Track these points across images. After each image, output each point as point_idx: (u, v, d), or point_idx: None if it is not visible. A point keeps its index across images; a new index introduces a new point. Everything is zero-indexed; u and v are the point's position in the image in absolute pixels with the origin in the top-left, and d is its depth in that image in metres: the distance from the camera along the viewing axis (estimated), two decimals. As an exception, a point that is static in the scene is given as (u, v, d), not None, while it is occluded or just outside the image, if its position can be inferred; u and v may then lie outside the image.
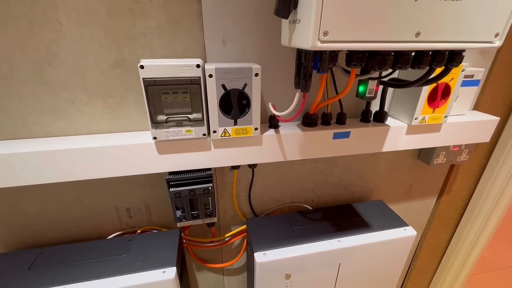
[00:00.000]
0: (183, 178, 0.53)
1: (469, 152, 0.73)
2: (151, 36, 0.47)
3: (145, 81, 0.42)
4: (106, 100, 0.50)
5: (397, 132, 0.59)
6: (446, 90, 0.56)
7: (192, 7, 0.47)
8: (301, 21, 0.33)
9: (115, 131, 0.53)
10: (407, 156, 0.75)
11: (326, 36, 0.31)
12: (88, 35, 0.45)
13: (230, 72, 0.44)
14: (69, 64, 0.46)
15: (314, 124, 0.57)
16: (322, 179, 0.71)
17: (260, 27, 0.50)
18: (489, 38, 0.36)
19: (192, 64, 0.43)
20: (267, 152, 0.54)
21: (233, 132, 0.49)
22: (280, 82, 0.55)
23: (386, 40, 0.33)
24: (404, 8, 0.31)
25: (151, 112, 0.45)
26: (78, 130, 0.52)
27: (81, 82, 0.48)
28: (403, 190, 0.81)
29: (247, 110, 0.48)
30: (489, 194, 0.88)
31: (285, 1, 0.33)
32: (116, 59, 0.47)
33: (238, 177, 0.65)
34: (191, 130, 0.48)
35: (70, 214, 0.60)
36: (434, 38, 0.34)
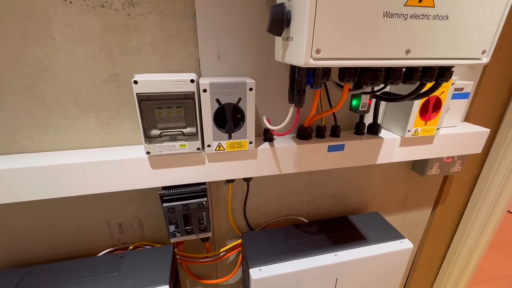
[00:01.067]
0: (177, 192, 0.52)
1: (462, 163, 0.74)
2: (145, 51, 0.47)
3: (139, 96, 0.42)
4: (99, 115, 0.50)
5: (391, 144, 0.60)
6: (437, 103, 0.57)
7: (186, 23, 0.47)
8: (294, 38, 0.34)
9: (107, 146, 0.52)
10: (401, 168, 0.75)
11: (318, 54, 0.31)
12: (82, 50, 0.45)
13: (224, 87, 0.45)
14: (62, 79, 0.46)
15: (308, 137, 0.57)
16: (318, 192, 0.71)
17: (254, 43, 0.50)
18: (476, 55, 0.37)
19: (186, 79, 0.43)
20: (262, 165, 0.54)
21: (227, 146, 0.49)
22: (275, 96, 0.56)
23: (377, 57, 0.33)
24: (394, 27, 0.32)
25: (145, 127, 0.45)
26: (70, 145, 0.51)
27: (74, 97, 0.47)
28: (399, 201, 0.81)
29: (242, 124, 0.48)
30: (483, 204, 0.88)
31: (278, 20, 0.34)
32: (110, 74, 0.47)
33: (233, 190, 0.64)
34: (185, 145, 0.47)
35: (60, 230, 0.58)
36: (423, 55, 0.35)
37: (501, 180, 0.82)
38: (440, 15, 0.33)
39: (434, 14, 0.33)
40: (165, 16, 0.46)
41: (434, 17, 0.33)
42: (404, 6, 0.31)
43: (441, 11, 0.33)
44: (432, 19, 0.33)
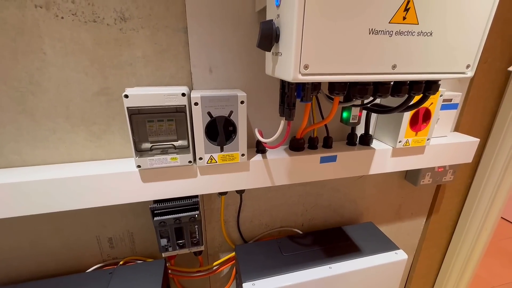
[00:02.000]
0: (168, 206, 0.51)
1: (453, 173, 0.74)
2: (137, 65, 0.48)
3: (130, 110, 0.42)
4: (90, 128, 0.49)
5: (383, 155, 0.60)
6: (426, 114, 0.58)
7: (178, 37, 0.48)
8: (283, 54, 0.34)
9: (98, 159, 0.52)
10: (394, 177, 0.76)
11: (306, 69, 0.32)
12: (73, 64, 0.45)
13: (216, 100, 0.45)
14: (52, 93, 0.46)
15: (301, 149, 0.57)
16: (312, 202, 0.71)
17: (245, 56, 0.51)
18: (461, 69, 0.38)
19: (178, 93, 0.43)
20: (255, 177, 0.54)
21: (219, 159, 0.49)
22: (266, 108, 0.56)
23: (364, 72, 0.34)
24: (380, 44, 0.33)
25: (135, 141, 0.44)
26: (59, 158, 0.50)
27: (64, 110, 0.47)
28: (393, 211, 0.81)
29: (234, 137, 0.48)
30: (477, 211, 0.89)
31: (267, 36, 0.35)
32: (101, 87, 0.47)
33: (226, 202, 0.64)
34: (176, 158, 0.47)
35: (48, 246, 0.56)
36: (409, 70, 0.35)
37: (493, 187, 0.83)
38: (424, 32, 0.34)
39: (419, 31, 0.33)
40: (157, 31, 0.46)
41: (419, 34, 0.34)
42: (389, 24, 0.32)
43: (425, 28, 0.34)
44: (417, 36, 0.34)
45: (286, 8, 0.32)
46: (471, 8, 0.34)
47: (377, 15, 0.31)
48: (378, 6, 0.31)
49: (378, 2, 0.31)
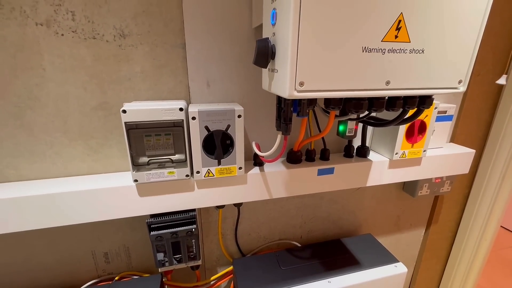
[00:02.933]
0: (165, 220, 0.51)
1: (451, 183, 0.75)
2: (135, 80, 0.48)
3: (127, 125, 0.42)
4: (87, 142, 0.49)
5: (380, 166, 0.60)
6: (422, 126, 0.59)
7: (176, 53, 0.48)
8: (279, 71, 0.35)
9: (95, 173, 0.52)
10: (392, 188, 0.76)
11: (302, 86, 0.32)
12: (72, 80, 0.45)
13: (213, 114, 0.45)
14: (50, 107, 0.46)
15: (298, 161, 0.57)
16: (310, 214, 0.70)
17: (242, 71, 0.52)
18: (453, 84, 0.39)
19: (175, 108, 0.43)
20: (252, 190, 0.53)
21: (217, 172, 0.49)
22: (264, 121, 0.56)
23: (358, 89, 0.35)
24: (373, 61, 0.33)
25: (132, 155, 0.44)
26: (56, 173, 0.50)
27: (62, 125, 0.47)
28: (392, 222, 0.81)
29: (231, 150, 0.48)
30: (476, 221, 0.89)
31: (263, 53, 0.35)
32: (100, 102, 0.48)
33: (224, 215, 0.63)
34: (173, 172, 0.47)
35: (42, 262, 0.55)
36: (403, 85, 0.36)
37: (491, 197, 0.83)
38: (416, 49, 0.35)
39: (410, 49, 0.34)
40: (156, 47, 0.47)
41: (411, 51, 0.34)
42: (381, 42, 0.33)
43: (417, 45, 0.34)
44: (409, 53, 0.35)
45: (281, 27, 0.33)
46: (461, 26, 0.35)
47: (370, 34, 0.32)
48: (371, 25, 0.32)
49: (370, 22, 0.32)
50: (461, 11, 0.34)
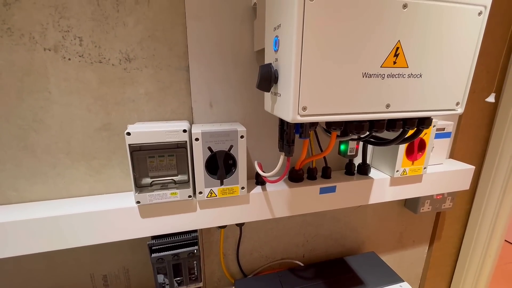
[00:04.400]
0: (167, 242, 0.50)
1: (452, 199, 0.75)
2: (139, 102, 0.49)
3: (131, 147, 0.43)
4: (90, 163, 0.49)
5: (381, 184, 0.61)
6: (421, 144, 0.60)
7: (180, 75, 0.50)
8: (282, 95, 0.36)
9: (97, 194, 0.51)
10: (394, 205, 0.75)
11: (305, 111, 0.33)
12: (77, 102, 0.46)
13: (216, 135, 0.46)
14: (54, 129, 0.46)
15: (300, 180, 0.57)
16: (312, 232, 0.70)
17: (245, 92, 0.53)
18: (451, 106, 0.40)
19: (179, 129, 0.44)
20: (255, 210, 0.53)
21: (219, 193, 0.49)
22: (266, 140, 0.57)
23: (359, 112, 0.35)
24: (373, 86, 0.34)
25: (136, 177, 0.44)
26: (58, 194, 0.49)
27: (65, 146, 0.48)
28: (394, 239, 0.80)
29: (234, 170, 0.49)
30: (479, 237, 0.88)
31: (266, 78, 0.36)
32: (104, 123, 0.48)
33: (226, 235, 0.62)
34: (176, 193, 0.47)
35: (39, 286, 0.54)
36: (402, 108, 0.37)
37: (493, 212, 0.83)
38: (414, 74, 0.36)
39: (409, 73, 0.36)
40: (160, 70, 0.48)
41: (409, 76, 0.36)
42: (380, 67, 0.34)
43: (415, 70, 0.36)
44: (407, 78, 0.36)
45: (284, 53, 0.34)
46: (456, 52, 0.37)
47: (370, 61, 0.33)
48: (370, 52, 0.33)
49: (370, 49, 0.33)
50: (455, 38, 0.36)
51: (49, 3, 0.41)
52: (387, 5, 0.32)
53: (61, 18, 0.42)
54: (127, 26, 0.45)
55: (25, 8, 0.41)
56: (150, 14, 0.46)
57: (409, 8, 0.33)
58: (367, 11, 0.31)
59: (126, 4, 0.44)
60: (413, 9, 0.33)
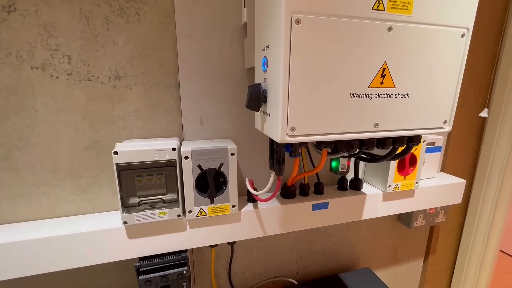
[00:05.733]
0: (155, 263, 0.48)
1: (445, 213, 0.74)
2: (129, 119, 0.48)
3: (119, 166, 0.42)
4: (77, 182, 0.48)
5: (374, 199, 0.60)
6: (412, 159, 0.60)
7: (170, 92, 0.49)
8: (271, 115, 0.36)
9: (83, 213, 0.50)
10: (388, 220, 0.75)
11: (293, 131, 0.33)
12: (64, 120, 0.45)
13: (206, 153, 0.45)
14: (40, 147, 0.45)
15: (292, 196, 0.57)
16: (306, 249, 0.68)
17: (235, 108, 0.53)
18: (439, 124, 0.40)
19: (168, 148, 0.43)
20: (246, 228, 0.52)
21: (209, 211, 0.48)
22: (256, 156, 0.57)
23: (348, 132, 0.35)
24: (361, 106, 0.35)
25: (123, 196, 0.43)
26: (42, 214, 0.48)
27: (51, 165, 0.46)
28: (389, 254, 0.79)
29: (224, 188, 0.48)
30: (474, 250, 0.87)
31: (256, 98, 0.36)
32: (91, 141, 0.47)
33: (217, 253, 0.61)
34: (165, 212, 0.46)
35: (19, 312, 0.51)
36: (391, 127, 0.37)
37: (487, 224, 0.83)
38: (401, 94, 0.36)
39: (396, 93, 0.36)
40: (150, 87, 0.48)
41: (396, 96, 0.36)
42: (368, 88, 0.34)
43: (402, 90, 0.36)
44: (395, 97, 0.36)
45: (272, 74, 0.34)
46: (441, 73, 0.37)
47: (357, 82, 0.34)
48: (357, 73, 0.33)
49: (357, 70, 0.33)
50: (440, 59, 0.37)
51: (38, 22, 0.41)
52: (372, 29, 0.32)
53: (49, 37, 0.42)
54: (117, 45, 0.45)
55: (13, 27, 0.41)
56: (141, 32, 0.46)
57: (394, 31, 0.33)
58: (353, 34, 0.32)
59: (116, 23, 0.44)
60: (397, 32, 0.33)
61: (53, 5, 0.41)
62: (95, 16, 0.43)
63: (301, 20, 0.30)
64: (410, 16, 0.33)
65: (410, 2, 0.33)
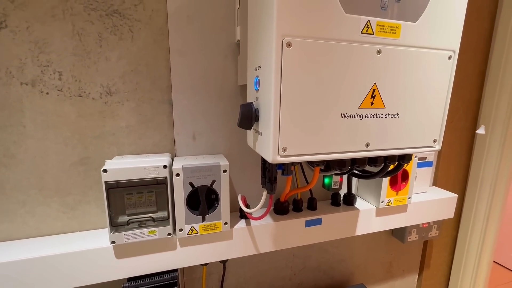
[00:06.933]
0: (143, 283, 0.47)
1: (438, 227, 0.75)
2: (120, 135, 0.48)
3: (108, 185, 0.41)
4: (64, 199, 0.47)
5: (368, 215, 0.60)
6: (404, 174, 0.60)
7: (163, 108, 0.49)
8: (262, 134, 0.36)
9: (70, 231, 0.48)
10: (381, 234, 0.75)
11: (285, 152, 0.33)
12: (53, 136, 0.44)
13: (198, 170, 0.45)
14: (27, 164, 0.44)
15: (285, 212, 0.56)
16: (300, 265, 0.67)
17: (228, 124, 0.53)
18: (429, 143, 0.41)
19: (159, 166, 0.43)
20: (238, 246, 0.51)
21: (201, 229, 0.47)
22: (249, 172, 0.56)
23: (340, 151, 0.36)
24: (352, 126, 0.35)
25: (111, 215, 0.42)
26: (26, 233, 0.46)
27: (38, 182, 0.45)
28: (384, 269, 0.78)
29: (216, 205, 0.47)
30: (468, 263, 0.87)
31: (247, 117, 0.36)
32: (81, 157, 0.46)
33: (209, 271, 0.59)
34: (155, 231, 0.44)
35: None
36: (382, 147, 0.38)
37: (479, 236, 0.83)
38: (391, 114, 0.37)
39: (386, 113, 0.36)
40: (142, 103, 0.48)
41: (386, 116, 0.36)
42: (358, 108, 0.35)
43: (392, 110, 0.37)
44: (385, 117, 0.36)
45: (264, 94, 0.34)
46: (430, 93, 0.38)
47: (348, 102, 0.34)
48: (348, 94, 0.34)
49: (347, 91, 0.34)
50: (428, 80, 0.37)
51: (29, 38, 0.41)
52: (361, 52, 0.33)
53: (40, 53, 0.42)
54: (109, 61, 0.45)
55: (3, 43, 0.40)
56: (134, 49, 0.46)
57: (383, 53, 0.34)
58: (343, 57, 0.32)
59: (110, 40, 0.44)
60: (386, 54, 0.34)
61: (45, 22, 0.41)
62: (88, 33, 0.43)
63: (292, 43, 0.30)
64: (398, 39, 0.34)
65: (398, 26, 0.34)
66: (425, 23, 0.35)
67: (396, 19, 0.34)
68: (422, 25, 0.35)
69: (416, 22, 0.34)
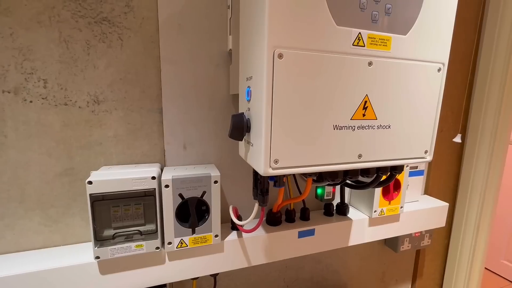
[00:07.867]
0: (130, 300, 0.45)
1: (430, 236, 0.75)
2: (107, 144, 0.46)
3: (92, 197, 0.39)
4: (46, 212, 0.45)
5: (360, 225, 0.60)
6: (396, 184, 0.60)
7: (153, 117, 0.48)
8: (254, 145, 0.35)
9: (52, 245, 0.46)
10: (374, 244, 0.74)
11: (277, 164, 0.32)
12: (36, 146, 0.43)
13: (188, 181, 0.44)
14: (7, 176, 0.42)
15: (278, 223, 0.55)
16: (292, 277, 0.66)
17: (219, 133, 0.52)
18: (420, 154, 0.41)
19: (147, 177, 0.41)
20: (230, 259, 0.50)
21: (190, 242, 0.45)
22: (241, 182, 0.55)
23: (332, 163, 0.35)
24: (344, 137, 0.35)
25: (96, 229, 0.40)
26: (4, 248, 0.44)
27: (18, 195, 0.43)
28: (377, 279, 0.77)
29: (207, 217, 0.46)
30: (460, 270, 0.87)
31: (239, 128, 0.36)
32: (65, 168, 0.45)
33: (199, 284, 0.57)
34: (142, 245, 0.43)
35: None
36: (374, 158, 0.37)
37: (470, 244, 0.84)
38: (383, 125, 0.37)
39: (378, 125, 0.36)
40: (131, 112, 0.47)
41: (378, 127, 0.36)
42: (350, 120, 0.35)
43: (383, 122, 0.36)
44: (377, 129, 0.36)
45: (255, 105, 0.34)
46: (420, 104, 0.38)
47: (339, 114, 0.34)
48: (340, 106, 0.34)
49: (339, 103, 0.33)
50: (418, 91, 0.38)
51: (13, 45, 0.40)
52: (353, 63, 0.33)
53: (25, 60, 0.40)
54: (97, 69, 0.44)
55: (-15, 50, 0.39)
56: (123, 57, 0.45)
57: (374, 65, 0.34)
58: (334, 68, 0.32)
59: (98, 47, 0.43)
60: (377, 66, 0.34)
61: (30, 29, 0.40)
62: (75, 40, 0.42)
63: (283, 54, 0.30)
64: (389, 51, 0.34)
65: (388, 39, 0.34)
66: (415, 36, 0.35)
67: (386, 32, 0.34)
68: (412, 38, 0.35)
69: (406, 35, 0.35)
